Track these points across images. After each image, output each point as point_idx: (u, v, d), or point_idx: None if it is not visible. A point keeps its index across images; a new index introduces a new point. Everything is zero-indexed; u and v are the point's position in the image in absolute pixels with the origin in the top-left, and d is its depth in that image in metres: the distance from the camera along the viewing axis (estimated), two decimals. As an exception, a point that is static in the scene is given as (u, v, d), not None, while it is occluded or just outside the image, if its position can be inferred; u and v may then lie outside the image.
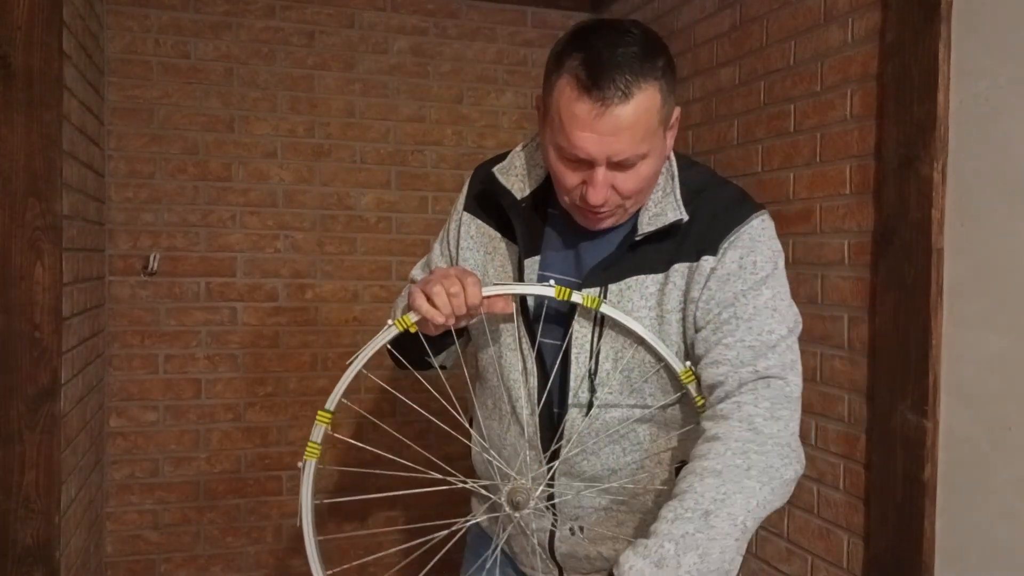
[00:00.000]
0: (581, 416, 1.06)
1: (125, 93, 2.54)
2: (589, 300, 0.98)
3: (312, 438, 1.00)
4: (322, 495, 2.87)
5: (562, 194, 1.04)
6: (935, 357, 1.54)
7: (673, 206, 1.04)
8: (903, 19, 1.60)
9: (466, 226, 1.16)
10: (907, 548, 1.59)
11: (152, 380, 2.59)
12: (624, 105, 0.92)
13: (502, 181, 1.11)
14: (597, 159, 0.95)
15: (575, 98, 0.94)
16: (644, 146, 0.96)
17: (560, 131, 0.96)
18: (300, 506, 1.02)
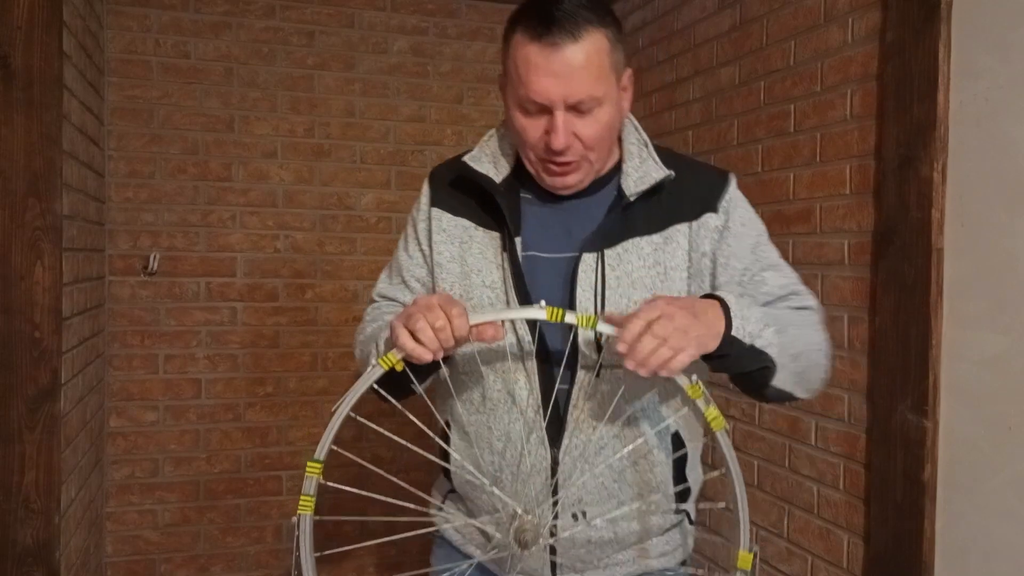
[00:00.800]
0: (591, 378, 1.07)
1: (125, 93, 2.54)
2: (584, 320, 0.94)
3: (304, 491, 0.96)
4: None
5: (528, 153, 1.08)
6: (935, 357, 1.54)
7: (655, 167, 1.10)
8: (903, 19, 1.60)
9: (436, 221, 1.17)
10: (907, 548, 1.59)
11: (152, 380, 2.59)
12: (574, 45, 0.99)
13: (477, 168, 1.14)
14: (555, 102, 1.00)
15: (528, 46, 1.00)
16: (598, 88, 1.01)
17: (519, 82, 1.02)
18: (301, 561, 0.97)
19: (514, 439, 1.09)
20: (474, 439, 1.12)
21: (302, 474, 3.10)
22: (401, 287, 1.22)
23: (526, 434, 1.08)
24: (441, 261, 1.15)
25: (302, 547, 0.97)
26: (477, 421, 1.12)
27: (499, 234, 1.12)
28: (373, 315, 1.23)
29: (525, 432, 1.08)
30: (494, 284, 1.10)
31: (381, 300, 1.25)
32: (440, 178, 1.20)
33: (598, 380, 1.07)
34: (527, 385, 1.08)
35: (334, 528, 2.79)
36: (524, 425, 1.08)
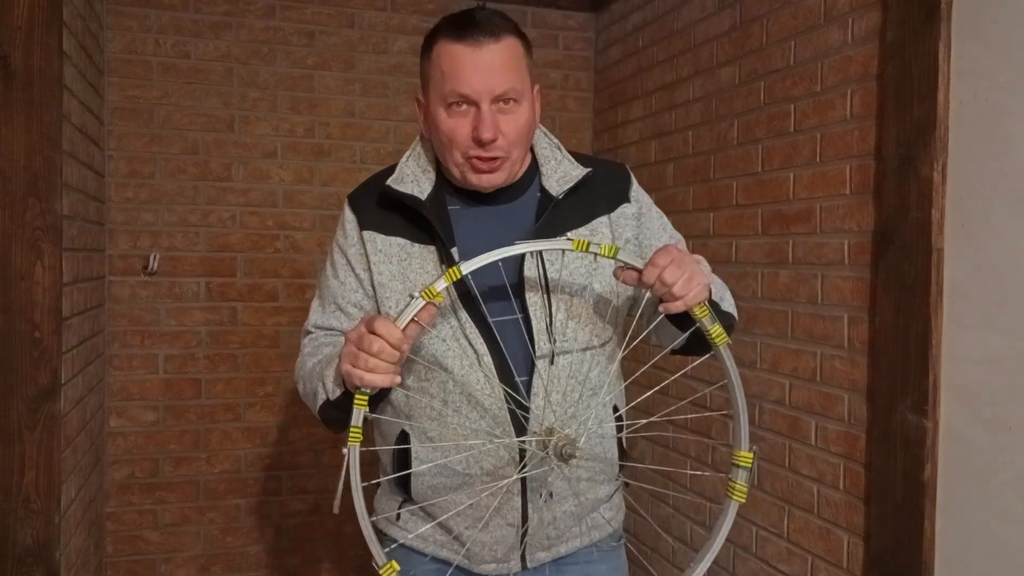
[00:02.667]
0: (546, 366, 1.15)
1: (125, 93, 2.54)
2: (607, 249, 1.02)
3: (353, 423, 1.00)
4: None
5: (454, 156, 1.15)
6: (935, 357, 1.54)
7: (572, 166, 1.23)
8: (903, 19, 1.60)
9: (371, 243, 1.20)
10: (907, 548, 1.59)
11: (152, 380, 2.59)
12: (495, 43, 1.10)
13: (401, 189, 1.19)
14: (482, 94, 1.10)
15: (454, 46, 1.10)
16: (518, 83, 1.12)
17: (444, 79, 1.11)
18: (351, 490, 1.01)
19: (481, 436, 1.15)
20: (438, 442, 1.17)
21: (302, 474, 3.12)
22: (337, 314, 1.24)
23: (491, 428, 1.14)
24: (383, 281, 1.19)
25: (352, 478, 1.00)
26: (440, 424, 1.17)
27: (435, 247, 1.17)
28: (311, 347, 1.25)
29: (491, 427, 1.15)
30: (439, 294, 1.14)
31: (317, 331, 1.27)
32: (363, 201, 1.24)
33: (553, 367, 1.15)
34: (487, 384, 1.14)
35: (335, 528, 2.79)
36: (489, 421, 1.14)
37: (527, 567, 1.22)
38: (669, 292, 1.02)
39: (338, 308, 1.24)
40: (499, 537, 1.19)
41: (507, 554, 1.21)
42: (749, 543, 2.10)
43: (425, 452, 1.18)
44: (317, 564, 2.77)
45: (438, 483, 1.18)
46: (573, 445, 1.05)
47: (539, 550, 1.22)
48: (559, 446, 1.06)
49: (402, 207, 1.19)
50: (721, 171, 2.24)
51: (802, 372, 1.90)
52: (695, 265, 1.05)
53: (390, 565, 1.02)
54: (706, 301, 1.06)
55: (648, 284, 1.03)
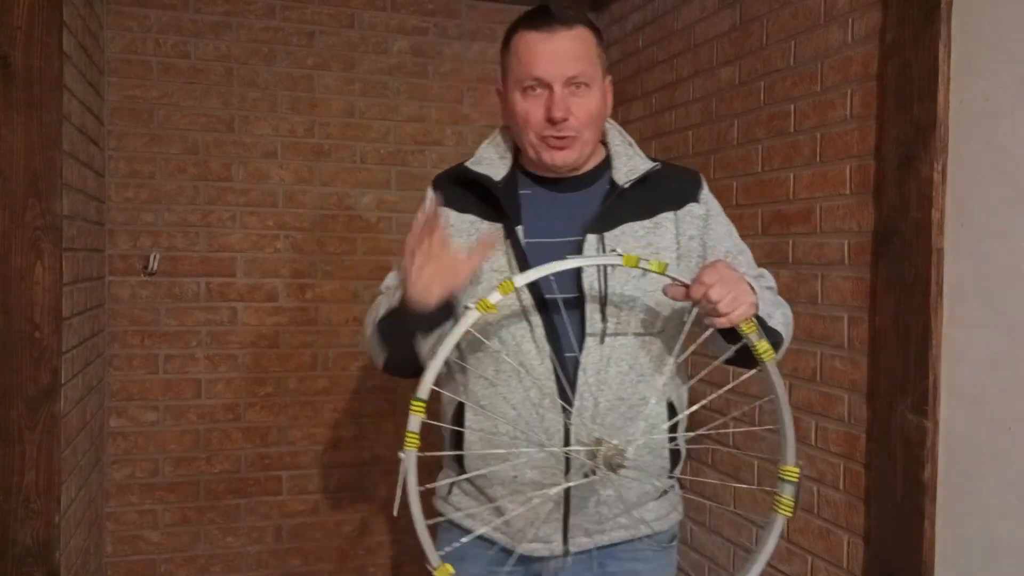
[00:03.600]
0: (597, 344, 1.19)
1: (125, 93, 2.54)
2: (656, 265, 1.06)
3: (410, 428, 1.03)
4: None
5: (529, 137, 1.22)
6: (935, 357, 1.54)
7: (642, 161, 1.29)
8: (903, 19, 1.60)
9: (444, 218, 1.26)
10: (907, 548, 1.59)
11: (152, 380, 2.59)
12: (568, 31, 1.19)
13: (476, 170, 1.28)
14: (554, 76, 1.18)
15: (529, 34, 1.19)
16: (589, 68, 1.20)
17: (521, 66, 1.20)
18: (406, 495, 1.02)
19: (528, 406, 1.20)
20: (489, 411, 1.22)
21: (302, 474, 3.12)
22: None
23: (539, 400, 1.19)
24: None
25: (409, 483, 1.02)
26: (492, 394, 1.22)
27: (502, 224, 1.25)
28: (378, 301, 1.33)
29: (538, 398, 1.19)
30: (501, 268, 1.22)
31: (386, 289, 1.35)
32: (443, 182, 1.34)
33: (602, 346, 1.19)
34: (538, 356, 1.19)
35: (335, 528, 2.79)
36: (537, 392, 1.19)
37: (570, 551, 1.25)
38: (715, 309, 1.05)
39: None
40: (542, 514, 1.22)
41: (549, 533, 1.23)
42: (749, 543, 2.10)
43: (477, 421, 1.23)
44: (317, 564, 2.77)
45: (487, 453, 1.23)
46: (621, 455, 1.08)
47: (581, 535, 1.24)
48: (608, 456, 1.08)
49: (477, 188, 1.27)
50: (721, 171, 2.24)
51: (802, 372, 1.90)
52: (742, 284, 1.08)
53: (444, 568, 1.04)
54: (753, 318, 1.09)
55: (695, 300, 1.06)
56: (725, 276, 1.06)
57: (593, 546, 1.25)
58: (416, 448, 1.02)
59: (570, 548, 1.24)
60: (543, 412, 1.19)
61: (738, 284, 1.07)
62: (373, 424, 2.80)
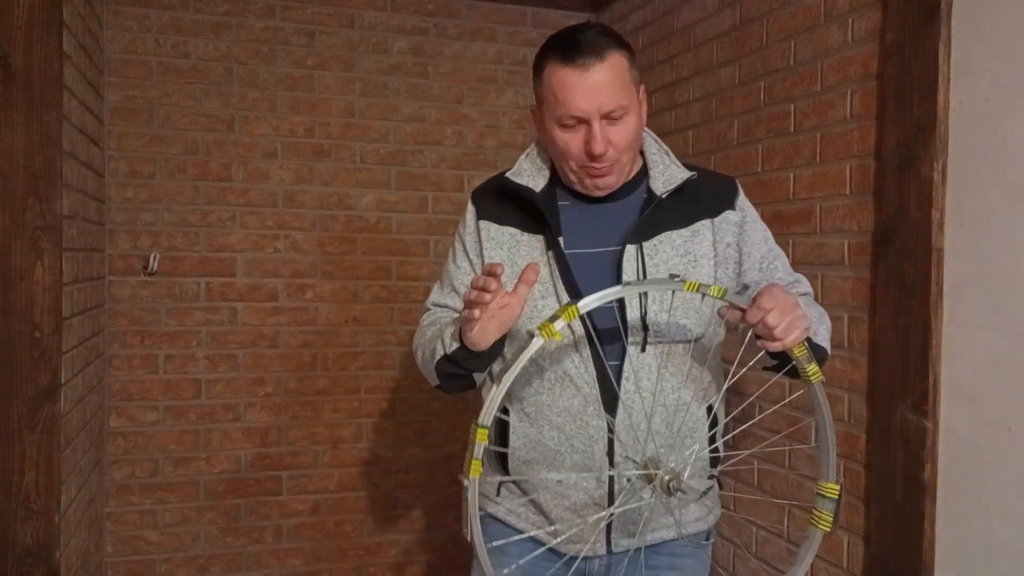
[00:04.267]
0: (638, 352, 1.22)
1: (125, 93, 2.54)
2: (716, 291, 1.07)
3: (476, 456, 1.03)
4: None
5: (569, 165, 1.24)
6: (935, 357, 1.54)
7: (678, 170, 1.29)
8: (903, 19, 1.60)
9: (485, 231, 1.31)
10: (907, 548, 1.59)
11: (152, 380, 2.59)
12: (600, 64, 1.17)
13: (518, 181, 1.30)
14: (590, 113, 1.18)
15: (562, 70, 1.18)
16: (624, 98, 1.19)
17: (557, 103, 1.19)
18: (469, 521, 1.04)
19: (573, 414, 1.23)
20: (534, 418, 1.25)
21: (302, 474, 3.10)
22: (451, 294, 1.36)
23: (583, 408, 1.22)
24: None
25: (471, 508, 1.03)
26: (537, 401, 1.25)
27: (543, 236, 1.27)
28: (429, 320, 1.38)
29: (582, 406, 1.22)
30: (543, 279, 1.24)
31: (434, 308, 1.39)
32: (483, 195, 1.36)
33: (644, 355, 1.22)
34: (581, 364, 1.22)
35: (335, 528, 2.79)
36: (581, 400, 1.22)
37: (612, 551, 1.28)
38: (770, 334, 1.07)
39: (453, 289, 1.36)
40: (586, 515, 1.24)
41: (593, 536, 1.26)
42: (749, 543, 2.10)
43: (522, 427, 1.26)
44: (317, 564, 2.77)
45: (532, 458, 1.26)
46: (679, 480, 1.09)
47: (624, 536, 1.27)
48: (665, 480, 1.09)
49: (516, 200, 1.30)
50: (721, 171, 2.24)
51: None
52: (797, 310, 1.09)
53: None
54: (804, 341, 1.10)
55: (751, 324, 1.07)
56: (782, 302, 1.07)
57: (635, 546, 1.28)
58: (479, 475, 1.03)
59: (613, 548, 1.28)
60: (587, 420, 1.22)
61: (794, 310, 1.08)
62: (373, 424, 2.80)
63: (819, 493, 1.11)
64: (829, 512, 1.09)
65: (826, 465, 1.12)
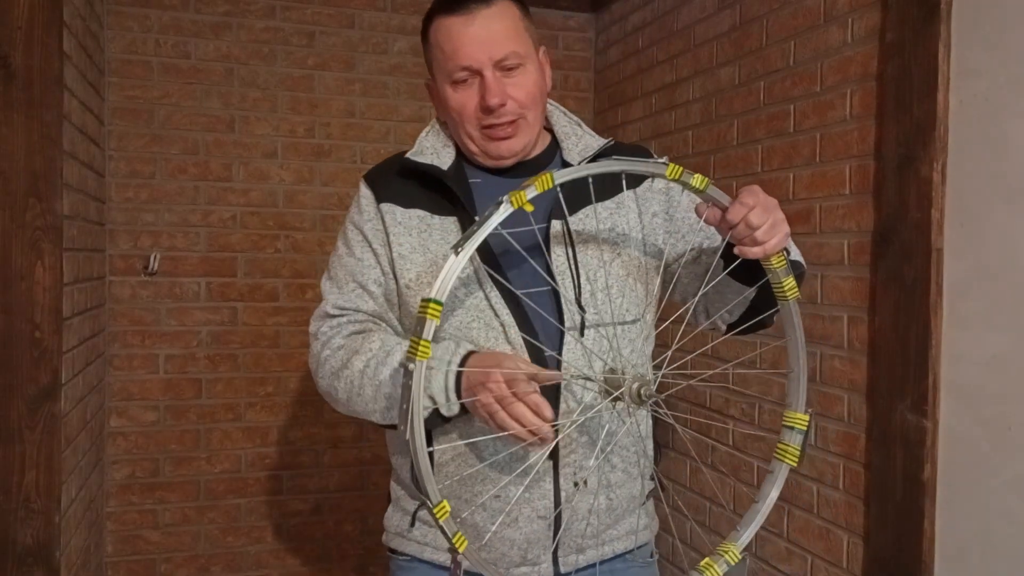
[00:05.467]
0: (575, 338, 1.10)
1: (125, 93, 2.54)
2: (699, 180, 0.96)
3: (424, 336, 0.84)
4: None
5: (467, 130, 1.13)
6: (935, 357, 1.54)
7: (593, 139, 1.21)
8: (903, 19, 1.60)
9: (389, 215, 1.16)
10: (907, 548, 1.59)
11: (152, 380, 2.59)
12: (486, 8, 1.09)
13: (422, 160, 1.17)
14: (482, 61, 1.08)
15: (447, 20, 1.10)
16: (518, 45, 1.10)
17: (446, 58, 1.10)
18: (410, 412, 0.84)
19: None
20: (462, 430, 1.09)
21: (302, 474, 3.09)
22: (358, 291, 1.17)
23: None
24: (403, 252, 1.14)
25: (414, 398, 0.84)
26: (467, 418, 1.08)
27: (455, 218, 1.14)
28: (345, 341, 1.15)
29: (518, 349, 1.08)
30: (465, 267, 1.08)
31: (337, 313, 1.17)
32: (380, 177, 1.21)
33: (583, 339, 1.10)
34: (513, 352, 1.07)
35: (335, 528, 2.79)
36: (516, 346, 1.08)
37: (560, 571, 1.16)
38: (751, 236, 0.96)
39: (359, 286, 1.17)
40: (529, 533, 1.12)
41: (538, 554, 1.13)
42: (749, 543, 2.10)
43: (448, 438, 1.10)
44: (317, 564, 2.77)
45: (462, 473, 1.11)
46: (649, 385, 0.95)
47: (572, 552, 1.15)
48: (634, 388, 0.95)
49: (421, 180, 1.16)
50: (721, 171, 2.24)
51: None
52: (779, 211, 0.99)
53: (442, 506, 0.86)
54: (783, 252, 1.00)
55: (732, 223, 0.97)
56: (764, 200, 0.97)
57: (585, 563, 1.17)
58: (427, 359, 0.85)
59: (560, 569, 1.15)
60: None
61: (776, 210, 0.98)
62: (373, 424, 2.80)
63: (786, 424, 1.02)
64: (796, 445, 1.01)
65: (795, 394, 1.03)
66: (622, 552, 1.21)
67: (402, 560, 1.22)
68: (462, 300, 1.10)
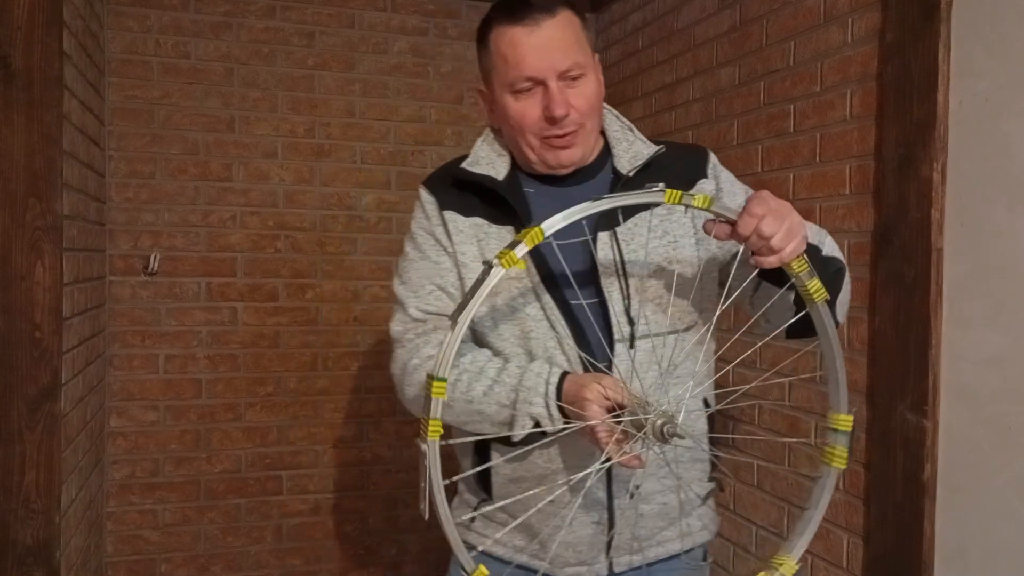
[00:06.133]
0: (626, 349, 1.10)
1: (125, 93, 2.54)
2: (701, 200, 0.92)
3: (432, 415, 0.85)
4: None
5: (527, 140, 1.13)
6: (935, 357, 1.54)
7: (644, 145, 1.20)
8: (903, 19, 1.60)
9: (452, 223, 1.17)
10: (907, 548, 1.59)
11: (152, 380, 2.59)
12: (551, 19, 1.08)
13: (476, 171, 1.18)
14: (546, 73, 1.08)
15: (511, 31, 1.09)
16: (580, 56, 1.10)
17: (509, 67, 1.10)
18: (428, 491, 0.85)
19: None
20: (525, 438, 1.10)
21: (302, 474, 3.10)
22: (438, 294, 1.17)
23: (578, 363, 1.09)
24: (465, 261, 1.16)
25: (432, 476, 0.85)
26: None
27: (511, 227, 1.15)
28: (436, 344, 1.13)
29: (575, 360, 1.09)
30: (519, 274, 1.12)
31: (423, 316, 1.17)
32: (439, 184, 1.22)
33: (633, 351, 1.10)
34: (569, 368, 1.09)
35: (335, 528, 2.79)
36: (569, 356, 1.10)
37: (614, 571, 1.17)
38: (767, 246, 0.94)
39: (437, 288, 1.16)
40: (583, 536, 1.13)
41: (593, 556, 1.14)
42: (749, 543, 2.10)
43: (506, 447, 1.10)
44: (317, 564, 2.77)
45: (519, 477, 1.12)
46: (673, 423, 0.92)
47: (626, 552, 1.16)
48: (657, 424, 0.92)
49: (478, 189, 1.17)
50: (721, 171, 2.24)
51: (802, 372, 1.90)
52: (793, 214, 0.97)
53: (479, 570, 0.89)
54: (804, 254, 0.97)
55: (743, 237, 0.94)
56: (775, 207, 0.94)
57: (640, 563, 1.18)
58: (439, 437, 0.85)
59: (614, 569, 1.16)
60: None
61: (790, 214, 0.96)
62: (373, 424, 2.81)
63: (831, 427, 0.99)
64: (844, 447, 0.98)
65: (835, 395, 1.00)
66: (677, 553, 1.21)
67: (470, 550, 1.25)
68: (520, 311, 1.12)
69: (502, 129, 1.19)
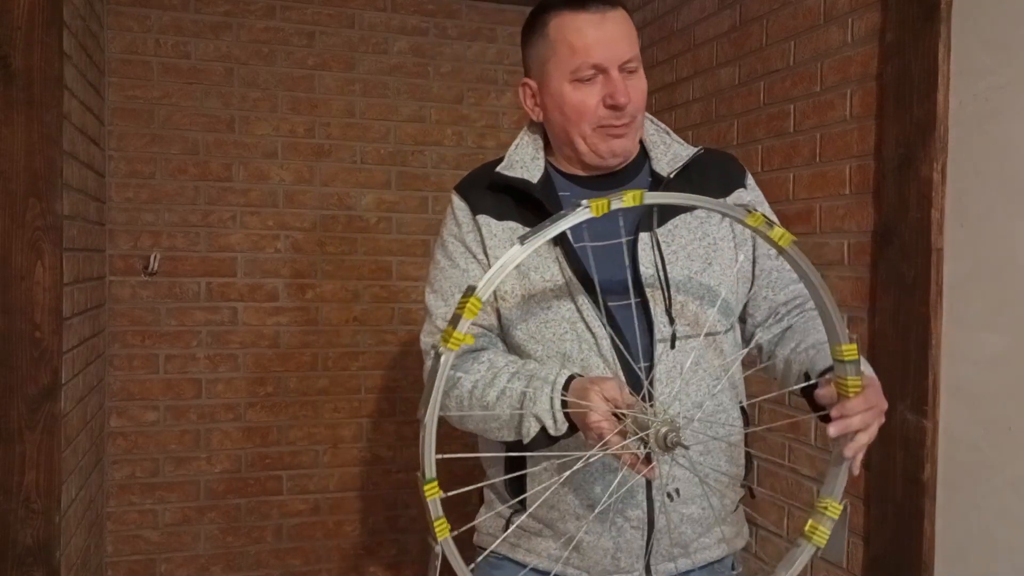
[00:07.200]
0: (667, 349, 1.10)
1: (125, 93, 2.54)
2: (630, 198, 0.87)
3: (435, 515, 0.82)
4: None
5: (582, 129, 1.12)
6: (935, 357, 1.54)
7: (682, 148, 1.20)
8: (903, 19, 1.61)
9: (486, 227, 1.17)
10: (907, 548, 1.59)
11: (152, 380, 2.59)
12: (614, 12, 1.10)
13: (512, 175, 1.17)
14: (610, 62, 1.09)
15: (578, 18, 1.09)
16: (636, 49, 1.13)
17: (574, 53, 1.09)
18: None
19: None
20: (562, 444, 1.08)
21: (302, 474, 3.11)
22: None
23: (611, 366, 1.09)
24: None
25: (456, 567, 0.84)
26: None
27: None
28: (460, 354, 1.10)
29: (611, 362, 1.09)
30: (554, 278, 1.12)
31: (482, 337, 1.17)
32: (472, 189, 1.21)
33: (674, 352, 1.10)
34: (607, 370, 1.09)
35: (335, 528, 2.79)
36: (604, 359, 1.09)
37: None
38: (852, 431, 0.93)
39: None
40: (622, 543, 1.12)
41: (631, 563, 1.13)
42: (749, 543, 2.10)
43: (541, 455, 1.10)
44: (317, 564, 2.77)
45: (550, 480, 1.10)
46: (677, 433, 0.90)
47: (665, 559, 1.15)
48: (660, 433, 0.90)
49: (512, 193, 1.17)
50: (721, 171, 2.24)
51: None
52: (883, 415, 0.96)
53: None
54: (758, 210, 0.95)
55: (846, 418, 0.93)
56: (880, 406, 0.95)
57: (677, 571, 1.16)
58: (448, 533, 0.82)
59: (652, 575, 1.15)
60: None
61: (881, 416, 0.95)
62: (373, 424, 2.81)
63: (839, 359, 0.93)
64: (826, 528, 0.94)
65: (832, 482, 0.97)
66: (713, 560, 1.20)
67: (493, 558, 1.24)
68: (555, 312, 1.11)
69: (549, 121, 1.17)
